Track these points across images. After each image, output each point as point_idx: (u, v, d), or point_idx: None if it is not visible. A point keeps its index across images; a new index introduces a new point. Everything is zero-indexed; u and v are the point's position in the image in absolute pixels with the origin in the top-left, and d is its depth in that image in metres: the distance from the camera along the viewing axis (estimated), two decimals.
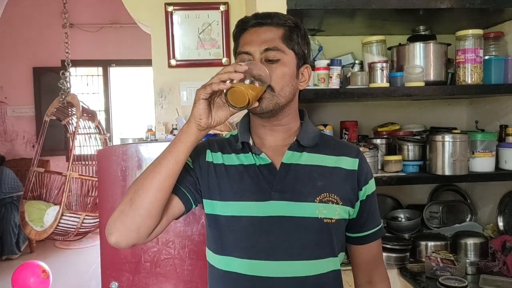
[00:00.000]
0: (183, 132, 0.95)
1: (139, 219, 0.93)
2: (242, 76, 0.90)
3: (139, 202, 0.93)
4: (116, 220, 0.94)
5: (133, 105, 6.47)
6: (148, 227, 0.95)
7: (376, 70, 1.85)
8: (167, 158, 0.94)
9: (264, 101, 0.98)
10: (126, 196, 0.95)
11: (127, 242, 0.95)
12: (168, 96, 2.37)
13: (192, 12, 2.35)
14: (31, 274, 3.50)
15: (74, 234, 3.21)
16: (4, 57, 5.75)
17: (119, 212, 0.95)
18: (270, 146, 1.06)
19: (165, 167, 0.94)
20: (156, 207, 0.94)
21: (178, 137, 0.96)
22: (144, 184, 0.94)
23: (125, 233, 0.94)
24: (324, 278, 1.02)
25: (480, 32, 1.85)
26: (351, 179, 1.06)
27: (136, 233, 0.94)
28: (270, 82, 0.97)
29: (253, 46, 0.99)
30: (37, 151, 3.57)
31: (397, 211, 2.21)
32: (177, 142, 0.95)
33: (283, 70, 0.99)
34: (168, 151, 0.95)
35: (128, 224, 0.93)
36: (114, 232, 0.94)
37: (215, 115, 0.95)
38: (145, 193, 0.93)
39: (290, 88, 1.01)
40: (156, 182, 0.93)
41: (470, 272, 1.81)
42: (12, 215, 4.90)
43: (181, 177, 1.00)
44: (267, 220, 1.00)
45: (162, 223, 0.99)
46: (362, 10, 1.79)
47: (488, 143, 1.93)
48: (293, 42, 1.02)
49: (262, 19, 1.01)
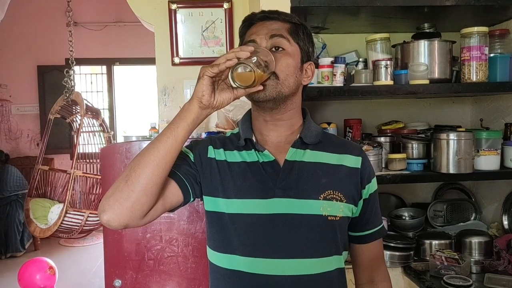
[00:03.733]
0: (184, 109, 0.94)
1: (133, 196, 0.89)
2: (249, 54, 0.91)
3: (135, 178, 0.89)
4: (110, 196, 0.90)
5: (136, 103, 6.49)
6: (143, 205, 0.91)
7: (380, 68, 1.84)
8: (166, 135, 0.92)
9: (268, 88, 0.98)
10: (123, 174, 0.92)
11: (119, 221, 0.90)
12: (172, 94, 2.37)
13: (195, 10, 2.34)
14: (38, 270, 3.52)
15: (78, 231, 3.22)
16: (9, 56, 5.77)
17: (113, 188, 0.91)
18: (273, 143, 1.06)
19: (164, 143, 0.91)
20: (152, 184, 0.90)
21: (178, 114, 0.94)
22: (142, 161, 0.91)
23: (118, 210, 0.89)
24: (329, 276, 1.01)
25: (485, 29, 1.84)
26: (354, 177, 1.06)
27: (130, 211, 0.90)
28: (275, 69, 0.97)
29: (259, 35, 1.01)
30: (41, 149, 3.58)
31: (401, 209, 2.21)
32: (177, 119, 0.94)
33: (287, 60, 1.00)
34: (168, 128, 0.94)
35: (122, 201, 0.89)
36: (107, 210, 0.89)
37: (218, 96, 0.94)
38: (141, 169, 0.90)
39: (294, 79, 1.02)
40: (154, 158, 0.90)
41: (475, 271, 1.80)
42: (16, 213, 4.93)
43: (182, 167, 1.00)
44: (271, 218, 0.99)
45: (158, 207, 0.96)
46: (366, 7, 1.78)
47: (493, 141, 1.92)
48: (299, 37, 1.04)
49: (269, 14, 1.04)
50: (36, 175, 3.50)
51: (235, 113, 1.90)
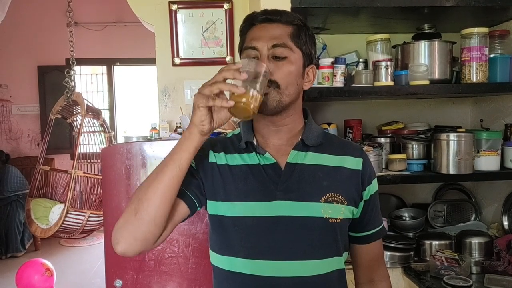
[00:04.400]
0: (186, 138, 0.92)
1: (144, 228, 0.92)
2: (244, 90, 0.88)
3: (143, 211, 0.91)
4: (122, 229, 0.93)
5: (137, 104, 6.49)
6: (154, 235, 0.94)
7: (381, 68, 1.84)
8: (170, 166, 0.92)
9: (269, 98, 0.97)
10: (130, 204, 0.93)
11: (133, 250, 0.94)
12: (172, 95, 2.37)
13: (196, 10, 2.35)
14: (35, 272, 3.52)
15: (79, 232, 3.22)
16: (9, 56, 5.77)
17: (124, 221, 0.93)
18: (274, 146, 1.06)
19: (169, 175, 0.91)
20: (161, 215, 0.92)
21: (180, 143, 0.93)
22: (148, 193, 0.91)
23: (132, 242, 0.92)
24: (329, 277, 1.02)
25: (486, 30, 1.84)
26: (355, 179, 1.06)
27: (143, 242, 0.93)
28: (276, 77, 0.96)
29: (261, 41, 0.99)
30: (42, 149, 3.59)
31: (401, 210, 2.21)
32: (179, 149, 0.93)
33: (289, 68, 0.99)
34: (171, 158, 0.93)
35: (134, 233, 0.92)
36: (121, 242, 0.93)
37: (217, 117, 0.92)
38: (148, 201, 0.91)
39: (295, 87, 1.01)
40: (160, 191, 0.91)
41: (475, 271, 1.80)
42: (17, 213, 4.93)
43: (185, 180, 0.98)
44: (272, 220, 0.99)
45: (168, 228, 0.98)
46: (367, 8, 1.78)
47: (493, 142, 1.92)
48: (301, 41, 1.01)
49: (271, 15, 1.01)
50: (37, 175, 3.51)
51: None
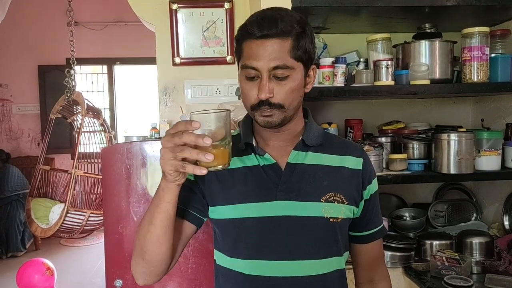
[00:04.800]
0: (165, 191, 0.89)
1: (155, 267, 0.98)
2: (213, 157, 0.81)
3: (149, 257, 0.96)
4: (136, 270, 1.00)
5: (137, 103, 6.49)
6: (167, 265, 1.00)
7: (381, 68, 1.84)
8: (158, 218, 0.91)
9: (274, 117, 0.97)
10: (135, 249, 0.99)
11: (153, 280, 1.01)
12: (173, 94, 2.37)
13: (196, 10, 2.34)
14: (36, 271, 3.52)
15: (79, 231, 3.22)
16: (10, 55, 5.77)
17: (135, 264, 1.00)
18: (274, 147, 1.06)
19: (159, 226, 0.92)
20: (166, 253, 0.96)
21: (160, 196, 0.90)
22: (146, 242, 0.95)
23: (149, 278, 1.00)
24: (330, 277, 1.02)
25: (487, 29, 1.84)
26: (356, 179, 1.06)
27: (159, 275, 1.00)
28: (275, 99, 0.95)
29: (261, 61, 0.93)
30: (42, 149, 3.59)
31: (402, 209, 2.20)
32: (161, 202, 0.90)
33: (291, 86, 0.96)
34: (156, 211, 0.91)
35: (148, 273, 0.99)
36: (139, 278, 1.01)
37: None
38: (150, 248, 0.95)
39: (298, 100, 1.00)
40: (156, 239, 0.94)
41: (476, 271, 1.80)
42: (17, 213, 4.93)
43: (185, 199, 0.99)
44: (273, 220, 0.99)
45: (178, 251, 1.03)
46: (367, 7, 1.78)
47: (494, 141, 1.92)
48: (301, 50, 0.96)
49: (267, 30, 0.92)
50: (38, 175, 3.51)
51: (236, 114, 1.90)
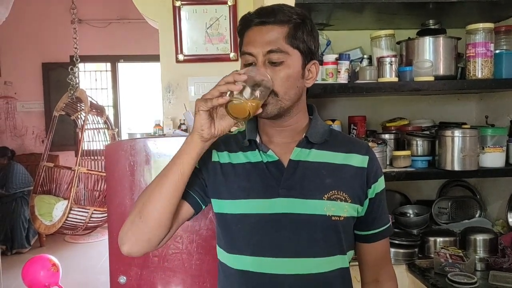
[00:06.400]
0: (187, 143, 0.94)
1: (149, 231, 0.95)
2: (241, 87, 0.88)
3: (147, 215, 0.94)
4: (128, 231, 0.97)
5: (141, 100, 6.50)
6: (159, 236, 0.97)
7: (385, 64, 1.83)
8: (173, 170, 0.94)
9: (269, 107, 0.96)
10: (135, 207, 0.97)
11: (138, 251, 0.98)
12: (176, 91, 2.37)
13: (199, 7, 2.34)
14: (41, 267, 3.53)
15: (82, 228, 3.23)
16: (14, 53, 5.79)
17: (130, 223, 0.97)
18: (278, 144, 1.05)
19: (171, 179, 0.94)
20: (165, 218, 0.95)
21: (182, 148, 0.95)
22: (152, 197, 0.95)
23: (137, 243, 0.97)
24: (333, 275, 1.01)
25: (491, 25, 1.83)
26: (360, 177, 1.04)
27: (147, 243, 0.97)
28: (273, 86, 0.95)
29: (256, 47, 0.96)
30: (46, 146, 3.60)
31: (405, 206, 2.20)
32: (181, 153, 0.95)
33: (287, 72, 0.96)
34: (174, 162, 0.95)
35: (139, 235, 0.96)
36: (126, 242, 0.97)
37: (218, 124, 0.93)
38: (152, 205, 0.94)
39: (294, 91, 0.99)
40: (163, 195, 0.94)
41: (480, 268, 1.79)
42: (22, 210, 4.96)
43: (189, 181, 0.99)
44: (275, 218, 0.99)
45: (173, 229, 1.01)
46: (371, 4, 1.77)
47: (498, 138, 1.91)
48: (298, 40, 0.97)
49: (265, 17, 0.97)
50: (41, 172, 3.52)
51: None
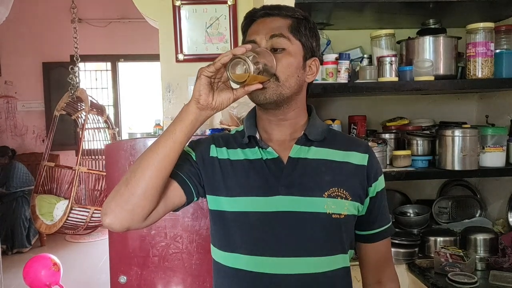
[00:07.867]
0: (183, 110, 0.94)
1: (133, 199, 0.90)
2: (245, 50, 0.89)
3: (134, 182, 0.90)
4: (111, 200, 0.92)
5: (141, 100, 6.50)
6: (143, 208, 0.92)
7: (385, 64, 1.83)
8: (165, 137, 0.93)
9: (268, 90, 0.96)
10: (124, 177, 0.93)
11: (121, 224, 0.92)
12: (176, 91, 2.37)
13: (199, 6, 2.34)
14: (42, 266, 3.53)
15: (83, 228, 3.23)
16: (14, 52, 5.79)
17: (115, 192, 0.92)
18: (277, 141, 1.05)
19: (163, 146, 0.92)
20: (152, 187, 0.91)
21: (177, 115, 0.94)
22: (141, 164, 0.92)
23: (120, 214, 0.91)
24: (333, 275, 1.00)
25: (491, 25, 1.83)
26: (360, 175, 1.04)
27: (131, 215, 0.91)
28: (275, 70, 0.95)
29: (260, 34, 0.99)
30: (47, 146, 3.60)
31: (406, 206, 2.20)
32: (175, 121, 0.94)
33: (288, 59, 0.98)
34: (167, 130, 0.94)
35: (123, 205, 0.91)
36: (109, 213, 0.91)
37: (217, 96, 0.92)
38: (141, 172, 0.91)
39: (295, 79, 0.99)
40: (153, 161, 0.91)
41: (480, 268, 1.79)
42: (23, 209, 4.97)
43: (184, 167, 0.99)
44: (275, 216, 0.98)
45: (159, 209, 0.96)
46: (371, 3, 1.77)
47: (498, 137, 1.91)
48: (301, 33, 1.00)
49: (270, 10, 1.01)
50: (42, 172, 3.52)
51: (240, 110, 1.90)
